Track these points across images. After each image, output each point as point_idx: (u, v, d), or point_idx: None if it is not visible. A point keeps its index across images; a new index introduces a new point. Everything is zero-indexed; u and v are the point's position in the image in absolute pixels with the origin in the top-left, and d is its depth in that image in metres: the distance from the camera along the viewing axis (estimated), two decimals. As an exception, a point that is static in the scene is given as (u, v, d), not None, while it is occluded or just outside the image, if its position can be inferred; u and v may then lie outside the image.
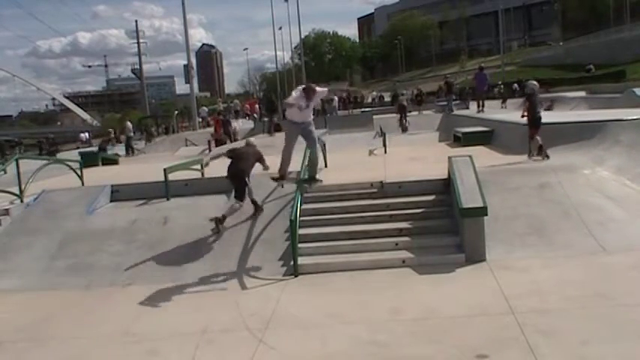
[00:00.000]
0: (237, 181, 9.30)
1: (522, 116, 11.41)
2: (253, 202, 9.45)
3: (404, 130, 24.85)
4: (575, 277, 6.87)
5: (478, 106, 23.03)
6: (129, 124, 32.66)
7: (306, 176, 9.27)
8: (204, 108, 45.13)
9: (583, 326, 5.50)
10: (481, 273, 7.27)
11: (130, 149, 28.69)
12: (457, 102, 30.06)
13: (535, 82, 13.02)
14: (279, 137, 22.68)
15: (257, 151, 9.90)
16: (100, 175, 14.01)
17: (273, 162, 12.20)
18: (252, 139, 10.97)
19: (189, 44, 39.65)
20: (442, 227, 8.64)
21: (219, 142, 24.46)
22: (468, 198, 7.93)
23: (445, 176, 9.44)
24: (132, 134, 31.23)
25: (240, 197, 9.24)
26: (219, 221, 9.02)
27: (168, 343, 5.95)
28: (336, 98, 41.03)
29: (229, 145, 21.80)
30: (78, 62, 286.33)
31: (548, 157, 10.63)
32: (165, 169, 10.50)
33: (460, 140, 16.20)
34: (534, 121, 11.10)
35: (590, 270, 7.07)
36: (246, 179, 9.32)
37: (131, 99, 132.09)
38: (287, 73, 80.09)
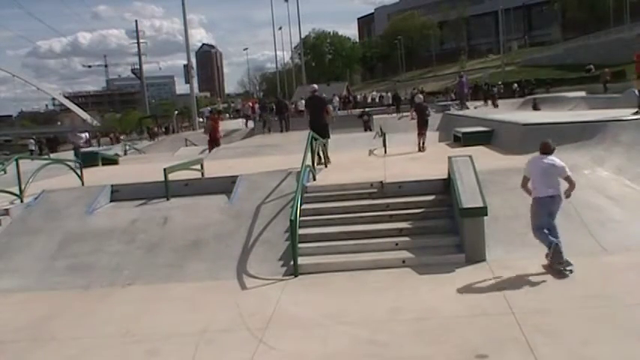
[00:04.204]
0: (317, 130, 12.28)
1: (412, 119, 16.27)
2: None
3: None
4: (575, 277, 6.87)
5: (461, 105, 28.68)
6: (82, 135, 28.25)
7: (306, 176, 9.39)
8: (208, 108, 45.27)
9: (583, 326, 5.50)
10: (481, 273, 7.26)
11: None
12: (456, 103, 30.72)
13: (420, 96, 20.26)
14: (285, 136, 22.65)
15: (322, 99, 14.18)
16: (100, 175, 14.01)
17: (278, 162, 12.21)
18: (315, 86, 14.87)
19: (189, 44, 39.84)
20: (442, 227, 8.64)
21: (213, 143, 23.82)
22: (468, 198, 7.92)
23: (445, 176, 9.44)
24: (82, 142, 27.63)
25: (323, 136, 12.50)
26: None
27: (168, 343, 5.95)
28: (337, 98, 41.13)
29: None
30: (78, 62, 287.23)
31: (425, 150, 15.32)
32: (165, 169, 10.49)
33: (460, 140, 16.19)
34: (423, 123, 15.70)
35: (590, 270, 7.07)
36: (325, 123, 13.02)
37: (131, 99, 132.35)
38: (287, 73, 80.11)
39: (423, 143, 15.63)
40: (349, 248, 8.27)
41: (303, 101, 38.85)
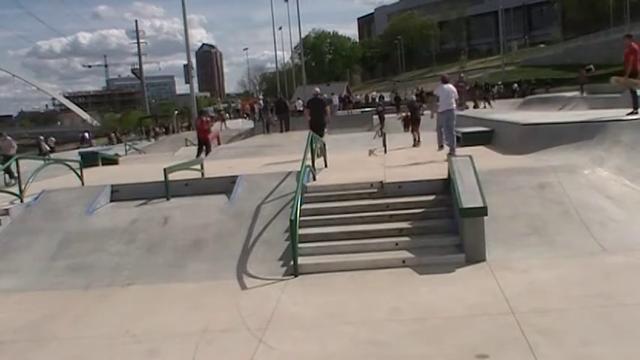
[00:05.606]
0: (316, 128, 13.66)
1: (406, 117, 19.20)
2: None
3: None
4: (576, 277, 6.87)
5: (461, 106, 31.69)
6: (9, 138, 18.92)
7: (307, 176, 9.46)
8: (211, 108, 45.43)
9: (583, 326, 5.50)
10: (481, 273, 7.26)
11: (10, 175, 14.39)
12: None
13: (414, 97, 24.06)
14: (285, 136, 22.75)
15: (323, 101, 16.09)
16: (100, 175, 14.01)
17: (278, 162, 12.18)
18: (317, 89, 16.90)
19: (189, 44, 39.82)
20: (442, 227, 8.63)
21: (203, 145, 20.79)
22: (468, 198, 7.92)
23: (445, 176, 9.44)
24: (14, 150, 18.47)
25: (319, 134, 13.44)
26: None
27: (168, 343, 5.95)
28: (336, 97, 41.15)
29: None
30: (78, 62, 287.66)
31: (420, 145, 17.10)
32: (165, 169, 10.50)
33: (460, 140, 16.16)
34: (415, 121, 18.14)
35: (591, 270, 7.07)
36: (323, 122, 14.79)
37: (131, 99, 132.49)
38: (287, 73, 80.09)
39: (418, 139, 17.10)
40: (349, 248, 8.27)
41: (301, 101, 39.19)
